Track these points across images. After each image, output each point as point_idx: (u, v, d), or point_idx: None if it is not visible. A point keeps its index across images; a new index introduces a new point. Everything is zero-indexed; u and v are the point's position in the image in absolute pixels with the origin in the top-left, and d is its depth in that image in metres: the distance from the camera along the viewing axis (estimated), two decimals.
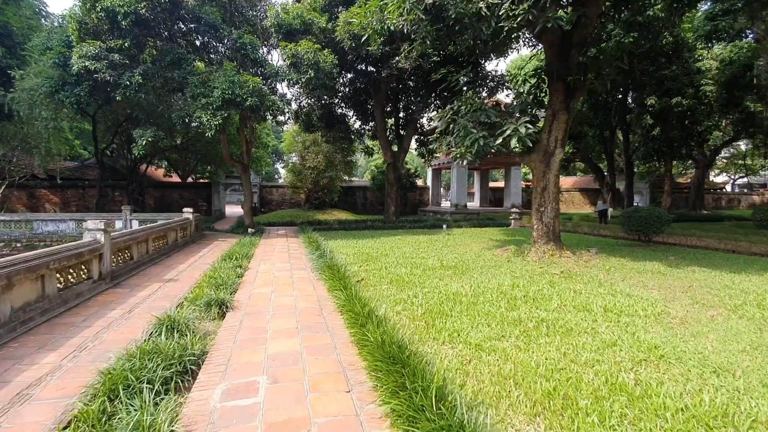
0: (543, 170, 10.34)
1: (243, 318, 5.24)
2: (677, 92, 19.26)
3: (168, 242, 10.49)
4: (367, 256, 10.65)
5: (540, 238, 10.42)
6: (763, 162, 53.16)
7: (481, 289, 6.98)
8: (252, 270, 8.55)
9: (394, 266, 9.13)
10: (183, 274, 8.04)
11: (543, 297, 6.46)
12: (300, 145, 26.52)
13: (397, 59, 16.94)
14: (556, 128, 10.10)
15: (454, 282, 7.61)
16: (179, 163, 31.65)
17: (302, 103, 22.40)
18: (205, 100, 11.86)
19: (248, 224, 17.08)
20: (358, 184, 34.75)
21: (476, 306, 5.90)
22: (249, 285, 7.16)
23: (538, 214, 10.49)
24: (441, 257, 10.58)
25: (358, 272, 8.46)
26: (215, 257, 9.91)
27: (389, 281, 7.58)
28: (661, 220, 13.04)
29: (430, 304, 5.94)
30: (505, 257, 10.39)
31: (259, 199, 30.47)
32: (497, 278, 7.93)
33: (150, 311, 5.47)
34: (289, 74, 13.21)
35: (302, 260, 9.96)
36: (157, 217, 15.20)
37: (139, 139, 12.66)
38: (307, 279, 7.71)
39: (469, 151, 9.33)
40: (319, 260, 8.90)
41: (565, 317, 5.41)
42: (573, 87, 10.00)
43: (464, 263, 9.58)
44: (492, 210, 30.07)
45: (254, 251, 10.98)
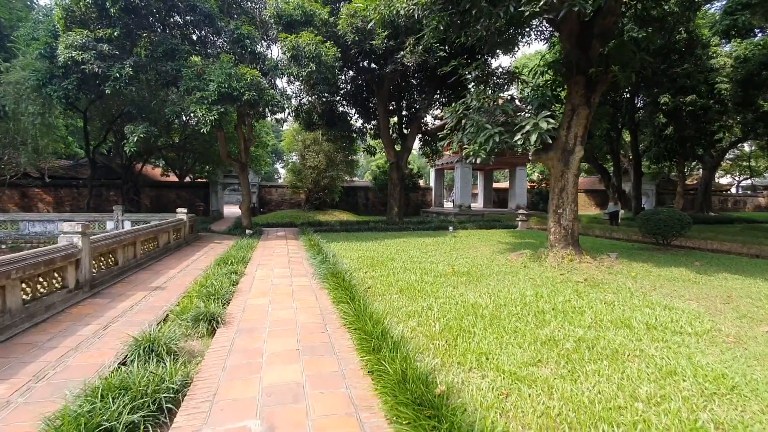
0: (561, 169, 9.64)
1: (235, 336, 4.54)
2: (691, 90, 18.59)
3: (159, 245, 9.78)
4: (373, 260, 9.96)
5: (558, 242, 9.73)
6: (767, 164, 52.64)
7: (501, 299, 6.28)
8: (248, 276, 7.85)
9: (403, 272, 8.43)
10: (172, 281, 7.34)
11: (573, 310, 5.76)
12: (300, 144, 25.82)
13: (401, 54, 16.28)
14: (576, 124, 9.41)
15: (469, 291, 6.91)
16: (176, 162, 30.95)
17: (303, 101, 21.75)
18: (200, 93, 11.16)
19: (246, 225, 16.38)
20: (359, 185, 34.06)
21: (500, 321, 5.20)
22: (244, 294, 6.46)
23: (555, 217, 9.80)
24: (451, 262, 9.89)
25: (363, 278, 7.76)
26: (209, 261, 9.21)
27: (399, 289, 6.88)
28: (681, 223, 12.36)
29: (448, 318, 5.25)
30: (520, 262, 9.69)
31: (258, 199, 29.78)
32: (517, 287, 7.24)
33: (129, 326, 4.77)
34: (289, 68, 12.51)
35: (303, 265, 9.26)
36: (150, 217, 14.50)
37: (130, 136, 11.95)
38: (308, 287, 7.00)
39: (483, 148, 8.64)
40: (321, 266, 8.20)
41: (605, 335, 4.71)
42: (595, 80, 9.31)
43: (477, 269, 8.88)
44: (496, 211, 29.38)
45: (251, 255, 10.28)
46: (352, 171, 27.87)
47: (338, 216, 24.73)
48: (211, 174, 28.57)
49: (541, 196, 34.72)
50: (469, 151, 8.80)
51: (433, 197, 33.47)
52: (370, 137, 24.74)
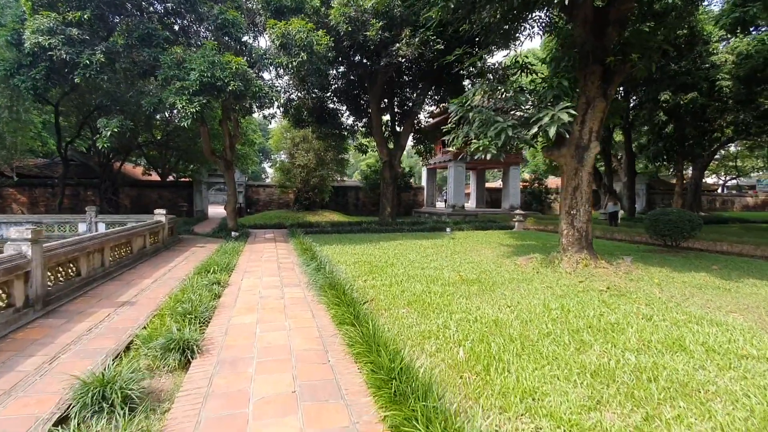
0: (575, 167, 8.92)
1: (215, 371, 3.64)
2: (692, 87, 18.16)
3: (133, 250, 8.76)
4: (371, 265, 9.10)
5: (571, 246, 9.01)
6: (753, 163, 53.39)
7: (525, 314, 5.49)
8: (233, 287, 6.92)
9: (406, 280, 7.60)
10: (144, 293, 6.37)
11: (611, 327, 5.00)
12: (289, 142, 24.79)
13: (397, 46, 15.44)
14: (591, 118, 8.71)
15: (485, 303, 6.11)
16: (159, 160, 29.59)
17: (292, 96, 20.76)
18: (180, 83, 10.14)
19: (231, 227, 15.35)
20: (349, 184, 33.14)
21: (533, 344, 4.41)
22: (227, 310, 5.54)
23: (568, 218, 9.07)
24: (456, 267, 9.09)
25: (363, 288, 6.91)
26: (189, 269, 8.23)
27: (406, 302, 6.04)
28: (692, 224, 11.80)
29: (472, 341, 4.43)
30: (531, 268, 8.94)
31: (245, 199, 28.63)
32: (536, 297, 6.46)
33: (82, 359, 3.84)
34: (278, 57, 11.55)
35: (295, 272, 8.35)
36: (127, 219, 13.40)
37: (104, 130, 10.86)
38: (302, 300, 6.11)
39: (494, 143, 7.86)
40: (316, 274, 7.31)
41: (662, 362, 3.95)
42: (612, 70, 8.62)
43: (487, 276, 8.10)
44: (490, 211, 28.77)
45: (237, 261, 9.32)
46: (343, 170, 26.94)
47: (329, 216, 23.79)
48: (195, 173, 27.32)
49: (533, 196, 34.29)
50: (478, 146, 8.00)
51: (425, 197, 32.73)
52: (362, 135, 23.86)
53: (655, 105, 18.62)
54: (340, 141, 23.61)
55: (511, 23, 10.51)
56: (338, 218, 23.45)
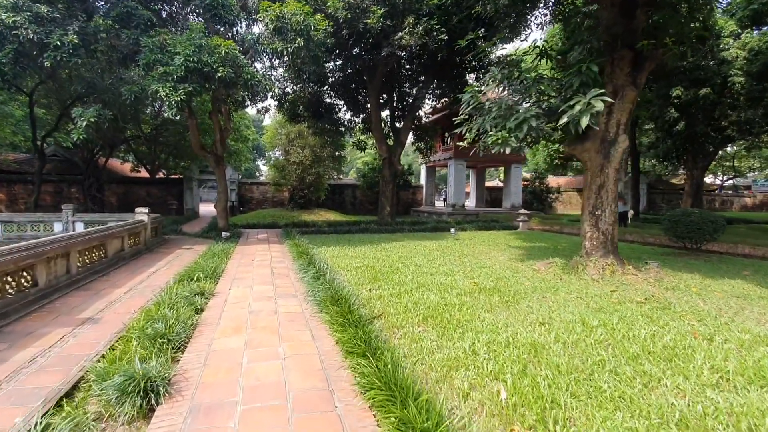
0: (600, 163, 8.10)
1: (185, 425, 2.74)
2: (704, 83, 17.46)
3: (107, 254, 7.80)
4: (374, 271, 8.21)
5: (595, 250, 8.18)
6: (750, 164, 53.23)
7: (564, 333, 4.65)
8: (219, 299, 6.00)
9: (417, 289, 6.73)
10: (114, 307, 5.44)
11: (671, 351, 4.16)
12: (283, 138, 23.81)
13: (399, 35, 14.55)
14: (619, 109, 7.89)
15: (512, 318, 5.26)
16: (148, 156, 28.45)
17: (287, 89, 19.80)
18: (164, 69, 9.16)
19: (222, 227, 14.38)
20: (346, 182, 32.22)
21: (588, 376, 3.55)
22: (209, 329, 4.63)
23: (592, 219, 8.25)
24: (468, 273, 8.24)
25: (369, 298, 6.03)
26: (170, 275, 7.30)
27: (421, 318, 5.17)
28: (715, 226, 11.05)
29: (512, 374, 3.56)
30: (552, 274, 8.11)
31: (237, 197, 27.60)
32: (568, 310, 5.62)
33: (10, 406, 2.92)
34: (272, 42, 10.59)
35: (290, 279, 7.44)
36: (108, 218, 12.38)
37: (79, 120, 9.86)
38: (299, 316, 5.21)
39: (515, 135, 7.00)
40: (314, 282, 6.41)
41: (754, 403, 3.11)
42: (644, 56, 7.79)
43: (505, 284, 7.25)
44: (491, 211, 28.00)
45: (225, 265, 8.39)
46: (340, 167, 26.00)
47: (325, 216, 22.87)
48: (185, 170, 26.24)
49: (534, 195, 33.59)
50: (496, 139, 7.13)
51: (424, 196, 31.90)
52: (360, 132, 22.93)
53: (666, 101, 17.90)
54: (337, 137, 22.69)
55: (524, 4, 9.63)
56: (335, 217, 22.54)
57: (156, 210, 25.90)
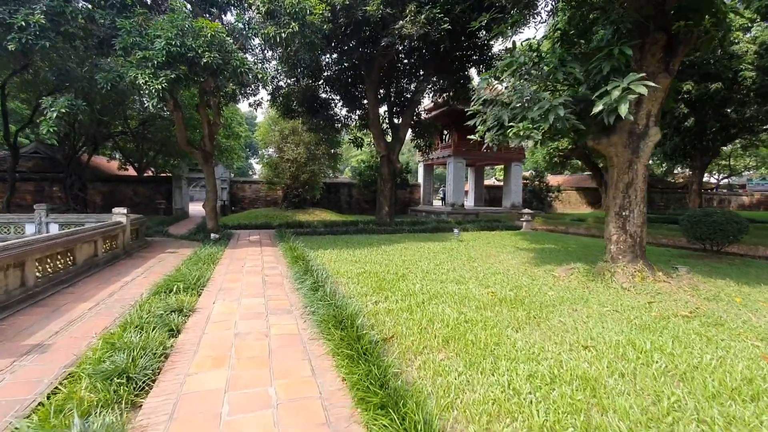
0: (628, 159, 7.33)
1: None
2: (716, 77, 16.82)
3: (76, 261, 6.88)
4: (378, 278, 7.38)
5: (622, 255, 7.42)
6: (746, 162, 53.20)
7: (616, 361, 3.85)
8: (200, 316, 5.12)
9: (429, 300, 5.91)
10: (71, 329, 4.54)
11: (754, 386, 3.38)
12: (277, 135, 22.86)
13: (401, 24, 13.70)
14: (650, 98, 7.11)
15: (547, 339, 4.46)
16: (135, 153, 27.33)
17: (280, 83, 18.88)
18: (143, 53, 8.24)
19: (211, 228, 13.45)
20: (342, 181, 31.32)
21: (670, 428, 2.76)
22: (184, 361, 3.76)
23: (619, 221, 7.48)
24: (482, 280, 7.43)
25: (376, 313, 5.20)
26: (147, 286, 6.41)
27: (441, 339, 4.35)
28: (739, 227, 10.36)
29: (574, 428, 2.75)
30: (576, 282, 7.33)
31: (229, 196, 26.60)
32: (608, 327, 4.83)
33: None
34: (264, 27, 9.68)
35: (284, 290, 6.58)
36: (85, 219, 11.44)
37: (49, 111, 8.89)
38: (296, 340, 4.35)
39: (539, 126, 6.20)
40: (312, 295, 5.55)
41: None
42: (678, 40, 7.03)
43: (527, 293, 6.45)
44: (491, 210, 27.29)
45: (211, 273, 7.50)
46: (336, 165, 25.11)
47: (320, 215, 21.98)
48: (174, 168, 25.17)
49: (534, 194, 32.94)
50: (517, 131, 6.32)
51: (421, 195, 31.12)
52: (357, 128, 22.05)
53: (676, 95, 17.27)
54: (332, 134, 21.80)
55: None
56: (331, 217, 21.65)
57: (144, 210, 24.89)
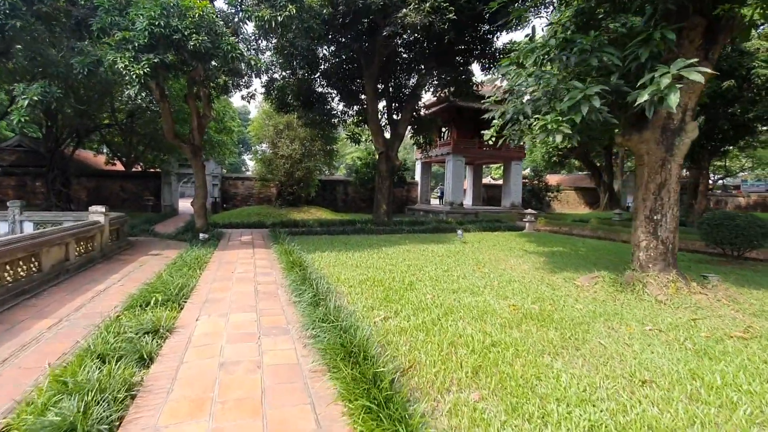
0: (661, 157, 6.65)
1: None
2: (728, 74, 16.25)
3: (41, 267, 6.04)
4: (384, 287, 6.63)
5: (653, 262, 6.74)
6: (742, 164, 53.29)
7: (688, 401, 3.14)
8: (179, 337, 4.34)
9: (444, 315, 5.17)
10: (21, 356, 3.74)
11: None
12: (271, 129, 21.99)
13: (404, 12, 12.92)
14: (687, 90, 6.42)
15: (593, 369, 3.74)
16: (123, 148, 26.29)
17: (275, 75, 18.02)
18: (122, 34, 7.40)
19: (200, 227, 12.60)
20: (338, 178, 30.51)
21: None
22: (153, 406, 2.98)
23: (649, 225, 6.80)
24: (498, 290, 6.71)
25: (386, 332, 4.46)
26: (123, 296, 5.60)
27: (469, 370, 3.61)
28: (764, 231, 9.78)
29: None
30: (602, 292, 6.64)
31: (220, 193, 25.66)
32: (657, 352, 4.13)
33: None
34: (258, 9, 8.85)
35: (279, 302, 5.80)
36: (63, 217, 10.58)
37: (20, 99, 8.03)
38: (295, 373, 3.59)
39: (570, 119, 5.48)
40: (312, 311, 4.79)
41: None
42: (719, 26, 6.35)
43: (552, 306, 5.75)
44: (491, 210, 26.65)
45: (197, 280, 6.69)
46: (332, 162, 24.29)
47: (316, 214, 21.18)
48: (164, 163, 24.18)
49: (533, 194, 32.35)
50: (544, 125, 5.59)
51: (419, 193, 30.40)
52: (354, 124, 21.22)
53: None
54: (329, 129, 20.96)
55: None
56: (327, 216, 20.85)
57: (131, 207, 23.88)
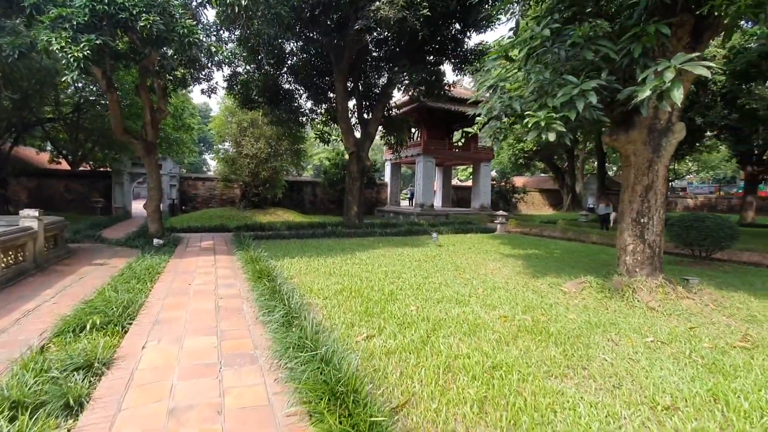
0: (648, 158, 6.45)
1: None
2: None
3: None
4: (363, 297, 6.03)
5: (640, 267, 6.53)
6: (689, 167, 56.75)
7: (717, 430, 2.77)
8: (119, 373, 3.55)
9: (433, 332, 4.64)
10: None
11: None
12: (234, 127, 20.80)
13: (377, 5, 12.37)
14: None
15: (608, 394, 3.33)
16: (69, 144, 24.13)
17: (238, 68, 16.97)
18: (58, 11, 6.41)
19: (154, 232, 11.47)
20: (305, 179, 29.53)
21: None
22: None
23: (636, 228, 6.59)
24: (483, 298, 6.28)
25: (371, 354, 3.88)
26: (54, 318, 4.68)
27: (475, 404, 3.08)
28: (732, 232, 9.97)
29: None
30: (591, 299, 6.35)
31: (179, 194, 24.11)
32: (667, 368, 3.79)
33: None
34: None
35: (245, 321, 5.06)
36: None
37: None
38: (267, 420, 2.91)
39: (563, 116, 5.11)
40: (285, 334, 4.10)
41: None
42: (706, 24, 6.22)
43: (544, 315, 5.36)
44: (461, 211, 26.60)
45: (147, 296, 5.81)
46: (299, 162, 23.35)
47: (283, 216, 20.21)
48: (115, 161, 22.37)
49: (500, 195, 32.70)
50: (536, 122, 5.20)
51: (388, 194, 29.97)
52: (322, 123, 20.45)
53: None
54: (296, 128, 20.07)
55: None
56: (294, 218, 19.95)
57: (78, 209, 21.92)
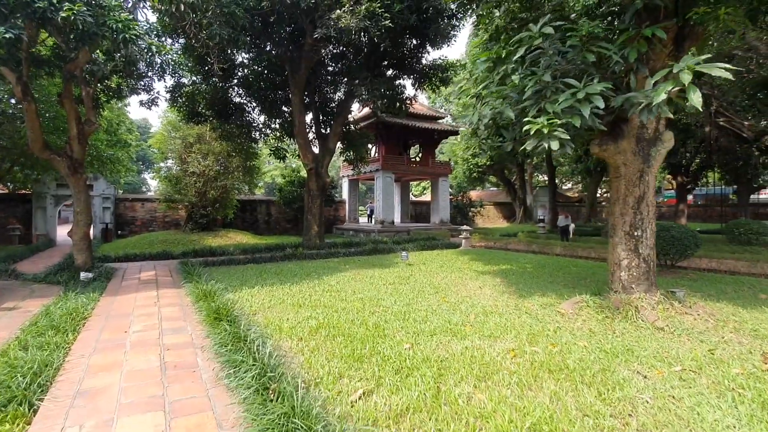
0: (639, 169, 6.17)
1: None
2: None
3: None
4: (346, 336, 5.10)
5: (636, 282, 6.17)
6: None
7: None
8: None
9: (440, 377, 3.84)
10: None
11: None
12: (179, 143, 19.09)
13: (338, 13, 11.70)
14: None
15: None
16: None
17: (183, 79, 15.55)
18: None
19: (81, 264, 9.74)
20: (259, 198, 27.87)
21: None
22: None
23: (630, 242, 6.24)
24: (480, 327, 5.58)
25: (375, 421, 3.01)
26: None
27: None
28: (696, 241, 10.18)
29: None
30: (594, 321, 5.85)
31: (114, 217, 21.66)
32: (721, 409, 3.25)
33: None
34: None
35: (202, 385, 3.95)
36: None
37: None
38: None
39: (565, 123, 4.62)
40: (261, 409, 3.10)
41: None
42: (688, 32, 6.11)
43: (554, 347, 4.74)
44: (422, 227, 26.23)
45: (67, 354, 4.50)
46: (252, 180, 21.90)
47: (235, 238, 18.64)
48: (36, 183, 19.66)
49: (458, 209, 32.90)
50: (537, 129, 4.67)
51: (347, 212, 29.07)
52: (275, 138, 19.32)
53: None
54: (248, 143, 18.77)
55: None
56: (249, 240, 18.45)
57: None
